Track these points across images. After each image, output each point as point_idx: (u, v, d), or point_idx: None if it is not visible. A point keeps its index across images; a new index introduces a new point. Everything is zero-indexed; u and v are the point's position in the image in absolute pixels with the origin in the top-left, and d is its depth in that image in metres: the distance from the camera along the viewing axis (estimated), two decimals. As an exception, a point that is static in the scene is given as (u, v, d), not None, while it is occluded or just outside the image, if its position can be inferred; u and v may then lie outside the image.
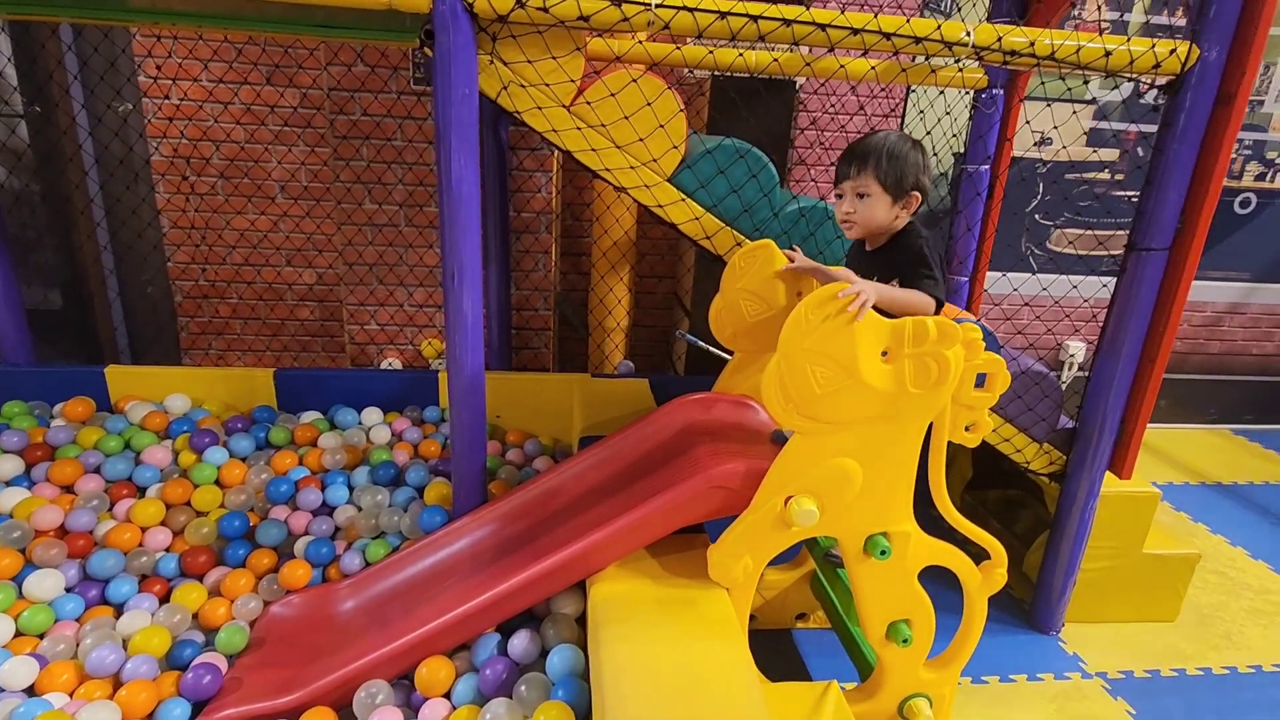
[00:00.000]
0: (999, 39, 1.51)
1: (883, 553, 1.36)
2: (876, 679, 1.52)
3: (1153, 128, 1.59)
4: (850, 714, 1.37)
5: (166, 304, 2.96)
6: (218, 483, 1.96)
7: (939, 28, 1.49)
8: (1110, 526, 2.03)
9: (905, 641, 1.44)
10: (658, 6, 1.42)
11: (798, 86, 2.53)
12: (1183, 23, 3.05)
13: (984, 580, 1.46)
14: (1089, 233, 3.34)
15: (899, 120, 2.98)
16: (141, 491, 1.92)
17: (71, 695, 1.40)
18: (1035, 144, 3.12)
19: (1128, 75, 1.57)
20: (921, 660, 1.50)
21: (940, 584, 1.45)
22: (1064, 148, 3.14)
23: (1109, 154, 3.26)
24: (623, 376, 2.46)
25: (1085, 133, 3.19)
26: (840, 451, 1.30)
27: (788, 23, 1.45)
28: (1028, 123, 2.14)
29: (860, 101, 2.78)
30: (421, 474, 2.02)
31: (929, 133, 2.98)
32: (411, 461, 2.12)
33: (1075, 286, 2.62)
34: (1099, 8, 3.06)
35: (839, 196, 1.42)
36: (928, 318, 1.24)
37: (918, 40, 1.49)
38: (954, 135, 2.99)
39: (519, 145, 2.45)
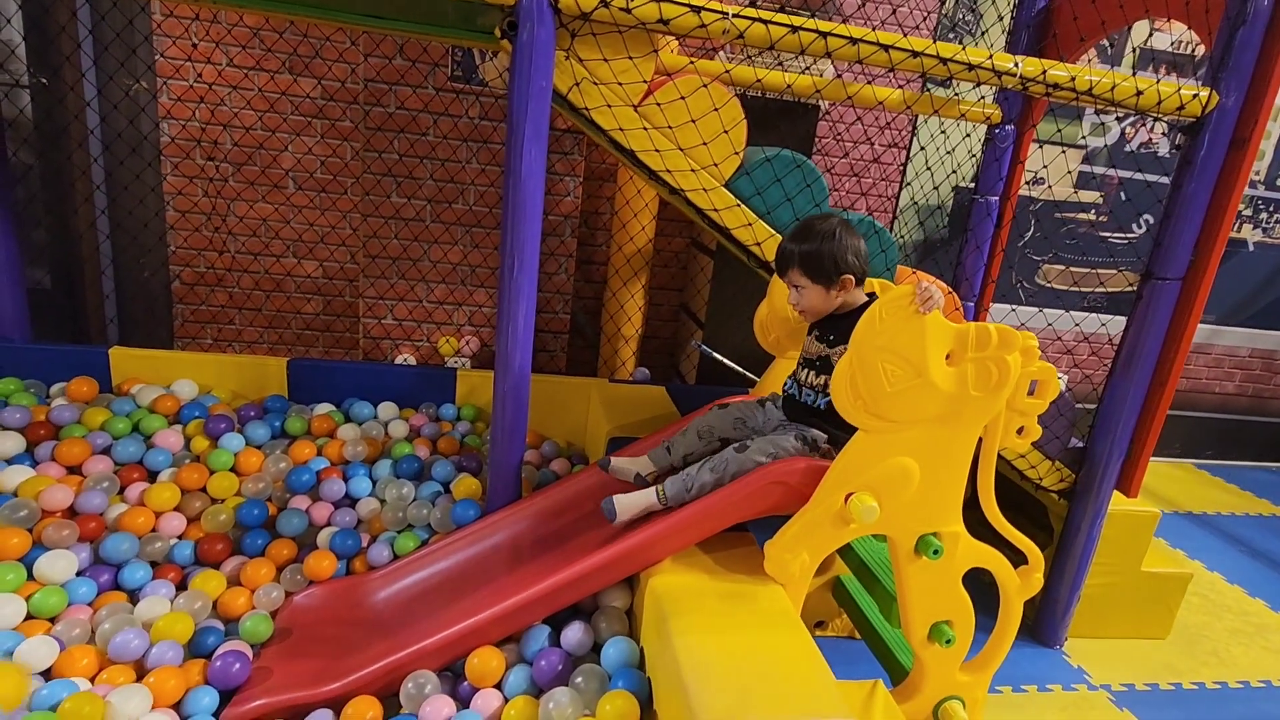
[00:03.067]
0: (1044, 72, 1.61)
1: (935, 552, 1.40)
2: (915, 680, 1.55)
3: (1133, 174, 1.70)
4: (899, 712, 1.39)
5: (163, 290, 2.86)
6: (233, 470, 1.89)
7: (990, 57, 1.58)
8: (1113, 544, 2.11)
9: (948, 642, 1.47)
10: (734, 16, 1.47)
11: (821, 113, 2.63)
12: (1167, 79, 3.28)
13: (1022, 584, 1.51)
14: (1089, 271, 3.52)
15: (905, 150, 3.11)
16: (153, 476, 1.84)
17: (93, 680, 1.33)
18: (1028, 182, 3.29)
19: (1154, 114, 1.68)
20: (959, 662, 1.53)
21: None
22: (1058, 181, 3.32)
23: (1092, 195, 3.46)
24: (639, 383, 2.48)
25: (1073, 167, 3.38)
26: (901, 450, 1.34)
27: (854, 41, 1.52)
28: (1060, 155, 2.25)
29: (876, 127, 2.90)
30: (447, 469, 1.99)
31: (929, 167, 3.12)
32: (433, 457, 2.08)
33: (1083, 321, 2.74)
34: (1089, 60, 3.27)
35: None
36: (990, 325, 1.30)
37: (970, 67, 1.58)
38: (954, 170, 3.14)
39: (551, 149, 2.47)
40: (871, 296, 1.49)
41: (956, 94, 2.39)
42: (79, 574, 1.55)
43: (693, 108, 1.58)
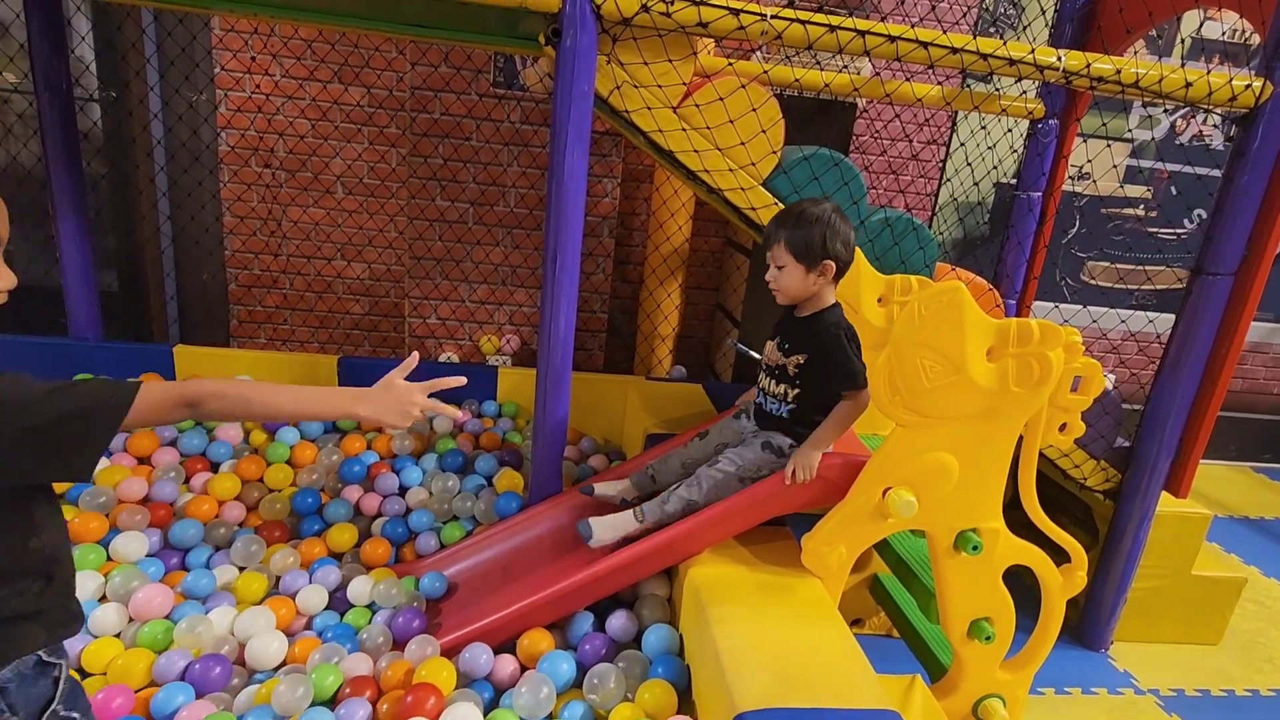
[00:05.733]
0: (1088, 65, 1.59)
1: (974, 548, 1.40)
2: (953, 678, 1.55)
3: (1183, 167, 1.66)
4: (938, 706, 1.40)
5: (220, 292, 3.00)
6: (289, 462, 1.98)
7: (1033, 51, 1.58)
8: (1162, 546, 2.07)
9: (988, 639, 1.47)
10: (773, 17, 1.49)
11: (860, 110, 2.63)
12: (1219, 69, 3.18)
13: (1064, 582, 1.50)
14: (1136, 268, 3.44)
15: (945, 147, 3.08)
16: (215, 467, 1.94)
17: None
18: (1074, 177, 3.23)
19: (1205, 106, 1.65)
20: (999, 660, 1.52)
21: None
22: (1110, 175, 3.25)
23: (1138, 190, 3.37)
24: (675, 381, 2.51)
25: (1115, 165, 3.30)
26: (939, 446, 1.34)
27: (892, 39, 1.53)
28: (1105, 148, 2.22)
29: (914, 126, 2.88)
30: (490, 463, 2.05)
31: (969, 163, 3.08)
32: (476, 452, 2.15)
33: (1129, 319, 2.68)
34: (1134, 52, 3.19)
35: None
36: (1032, 320, 1.30)
37: (1012, 62, 1.57)
38: (994, 166, 3.10)
39: (590, 151, 2.52)
40: (836, 306, 1.45)
41: (998, 89, 2.37)
42: (148, 556, 1.65)
43: (731, 108, 1.60)
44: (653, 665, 1.33)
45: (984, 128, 2.89)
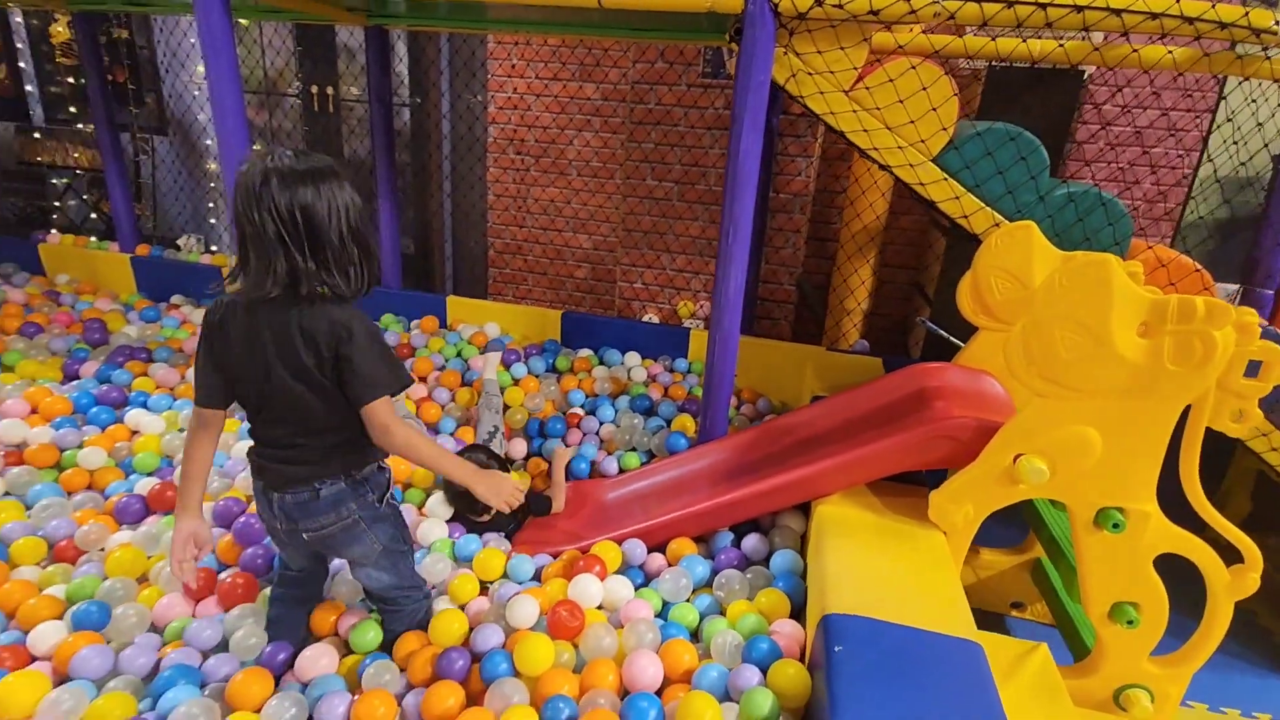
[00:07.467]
0: (1334, 19, 1.41)
1: (1115, 526, 1.38)
2: (1093, 659, 1.53)
3: None
4: (1059, 678, 1.42)
5: (483, 256, 3.71)
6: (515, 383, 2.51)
7: (1246, 14, 1.44)
8: None
9: (1130, 624, 1.44)
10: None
11: (1085, 77, 2.44)
12: None
13: (1233, 582, 1.40)
14: None
15: (1209, 116, 2.69)
16: (466, 384, 2.53)
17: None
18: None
19: None
20: (1147, 650, 1.48)
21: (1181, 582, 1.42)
22: None
23: None
24: (856, 353, 2.60)
25: None
26: (1082, 419, 1.36)
27: (1078, 9, 1.50)
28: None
29: (1150, 90, 2.58)
30: (671, 409, 2.38)
31: (1234, 140, 2.64)
32: (661, 399, 2.49)
33: None
34: None
35: None
36: (1197, 298, 1.25)
37: (1222, 26, 1.45)
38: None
39: (786, 133, 2.70)
40: None
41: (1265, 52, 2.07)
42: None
43: (901, 88, 1.69)
44: (775, 581, 1.55)
45: (1263, 98, 2.47)
